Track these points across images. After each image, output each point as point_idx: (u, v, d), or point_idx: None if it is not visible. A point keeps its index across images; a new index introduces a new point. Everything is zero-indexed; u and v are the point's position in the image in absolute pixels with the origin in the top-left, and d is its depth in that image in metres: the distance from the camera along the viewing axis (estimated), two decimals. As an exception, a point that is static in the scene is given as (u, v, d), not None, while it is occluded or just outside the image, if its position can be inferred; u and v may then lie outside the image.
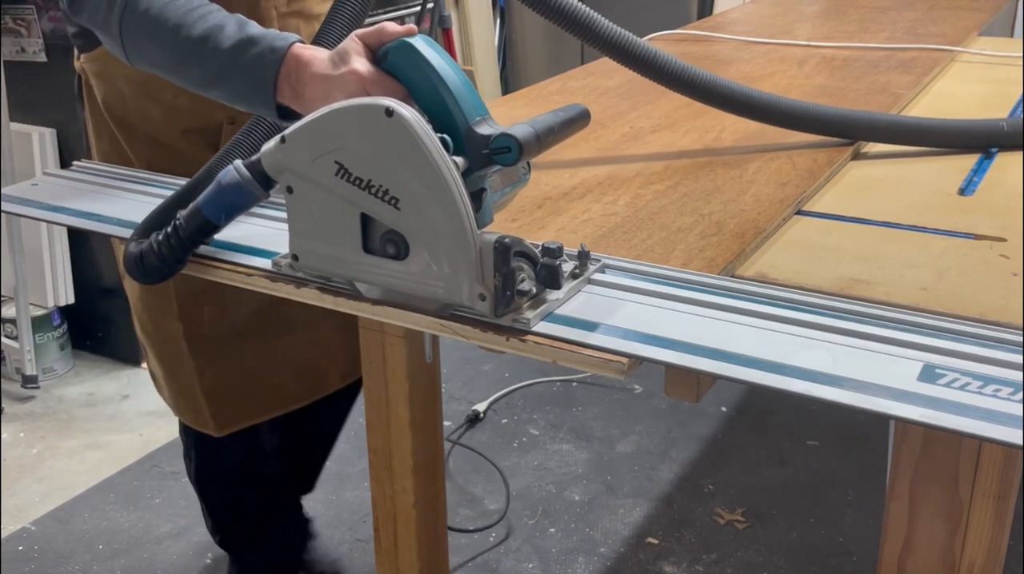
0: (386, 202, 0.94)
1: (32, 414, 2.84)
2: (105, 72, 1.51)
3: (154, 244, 1.08)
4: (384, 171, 0.94)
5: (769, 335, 0.91)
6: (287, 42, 1.11)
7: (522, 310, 0.94)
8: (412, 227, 0.94)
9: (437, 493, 1.52)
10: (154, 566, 2.19)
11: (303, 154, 0.98)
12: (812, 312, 0.95)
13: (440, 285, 0.95)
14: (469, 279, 0.92)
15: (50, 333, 3.01)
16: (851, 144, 1.47)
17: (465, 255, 0.92)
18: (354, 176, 0.95)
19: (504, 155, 0.95)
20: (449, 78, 0.99)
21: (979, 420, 0.77)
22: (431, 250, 0.94)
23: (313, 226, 1.01)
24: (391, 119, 0.91)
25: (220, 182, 1.03)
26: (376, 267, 0.98)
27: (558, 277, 0.95)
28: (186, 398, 1.65)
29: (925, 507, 1.06)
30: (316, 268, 1.04)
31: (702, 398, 0.99)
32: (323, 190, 0.98)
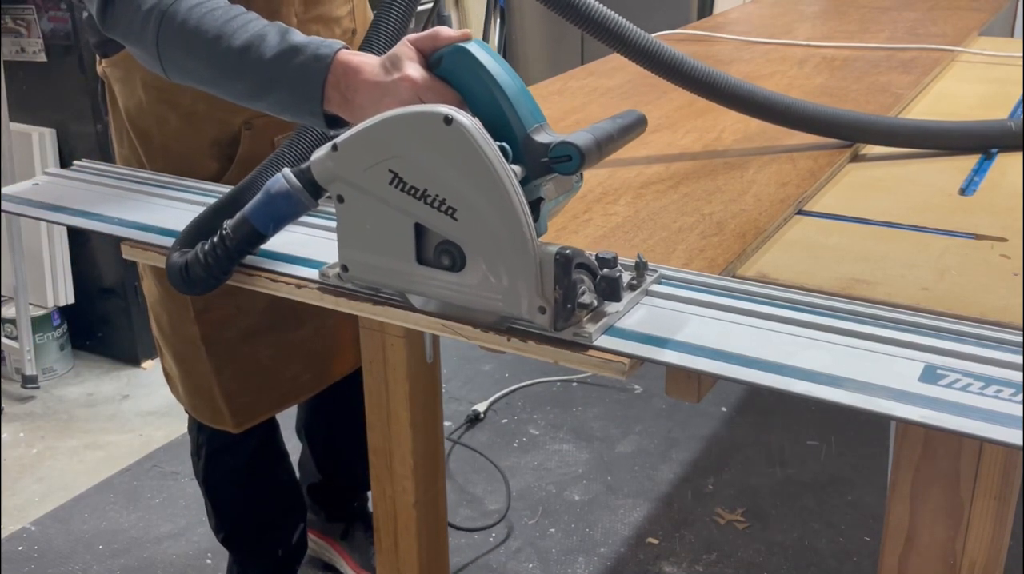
0: (443, 212, 0.92)
1: (32, 414, 2.84)
2: (126, 78, 1.50)
3: (199, 254, 1.06)
4: (441, 180, 0.91)
5: (770, 335, 0.91)
6: (332, 49, 1.08)
7: (582, 323, 0.92)
8: (470, 238, 0.92)
9: (437, 493, 1.52)
10: (154, 566, 2.19)
11: (356, 163, 0.95)
12: (813, 312, 0.95)
13: (498, 298, 0.92)
14: (529, 291, 0.90)
15: (50, 333, 3.01)
16: (851, 144, 1.47)
17: (525, 267, 0.89)
18: (409, 185, 0.93)
19: (564, 164, 0.92)
20: (506, 84, 0.96)
21: (980, 421, 0.77)
22: (489, 262, 0.92)
23: (364, 236, 0.98)
24: (450, 127, 0.89)
25: (269, 191, 1.01)
26: (430, 279, 0.96)
27: (618, 289, 0.92)
28: (203, 397, 1.66)
29: (926, 507, 1.06)
30: (366, 279, 1.01)
31: (702, 398, 0.99)
32: (376, 200, 0.95)
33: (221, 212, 1.13)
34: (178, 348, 1.63)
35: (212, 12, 1.12)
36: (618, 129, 0.97)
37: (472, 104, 0.99)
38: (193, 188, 1.38)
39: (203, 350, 1.60)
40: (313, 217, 1.20)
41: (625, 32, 1.21)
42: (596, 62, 2.09)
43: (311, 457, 2.10)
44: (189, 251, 1.09)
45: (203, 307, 1.56)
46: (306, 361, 1.70)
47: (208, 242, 1.06)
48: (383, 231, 0.96)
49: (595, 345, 0.90)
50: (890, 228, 1.20)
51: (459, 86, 1.00)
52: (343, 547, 2.12)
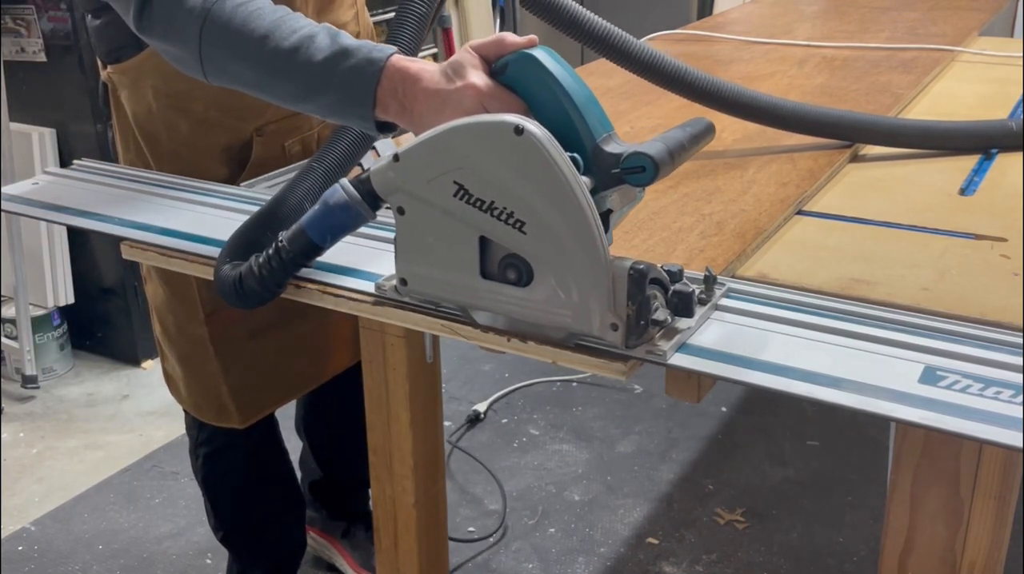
0: (510, 225, 0.89)
1: (32, 414, 2.84)
2: (135, 84, 1.48)
3: (253, 267, 1.03)
4: (509, 192, 0.88)
5: (769, 336, 0.91)
6: (385, 53, 1.05)
7: (655, 341, 0.90)
8: (538, 252, 0.89)
9: (437, 493, 1.52)
10: (154, 566, 2.19)
11: (419, 174, 0.92)
12: (813, 313, 0.95)
13: (567, 314, 0.89)
14: (600, 307, 0.87)
15: (50, 333, 3.00)
16: (851, 144, 1.47)
17: (597, 282, 0.87)
18: (475, 197, 0.90)
19: (637, 175, 0.89)
20: (575, 92, 0.94)
21: (980, 423, 0.77)
22: (559, 276, 0.89)
23: (425, 249, 0.95)
24: (520, 137, 0.86)
25: (327, 201, 0.98)
26: (495, 293, 0.93)
27: (692, 305, 0.90)
28: (209, 397, 1.66)
29: (926, 507, 1.06)
30: (426, 293, 0.98)
31: (702, 398, 0.98)
32: (439, 212, 0.92)
33: (263, 222, 1.12)
34: (184, 349, 1.63)
35: (259, 12, 1.09)
36: (689, 138, 0.95)
37: (539, 113, 0.96)
38: (193, 188, 1.38)
39: (211, 350, 1.60)
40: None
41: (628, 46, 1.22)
42: (595, 62, 2.09)
43: (311, 454, 2.10)
44: (240, 263, 1.06)
45: (213, 309, 1.56)
46: (310, 355, 1.71)
47: (262, 254, 1.03)
48: (445, 244, 0.94)
49: (670, 364, 0.88)
50: (890, 228, 1.21)
51: (525, 94, 0.97)
52: (344, 546, 2.12)
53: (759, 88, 1.80)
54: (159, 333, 1.67)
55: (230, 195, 1.35)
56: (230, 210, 1.29)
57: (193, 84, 1.41)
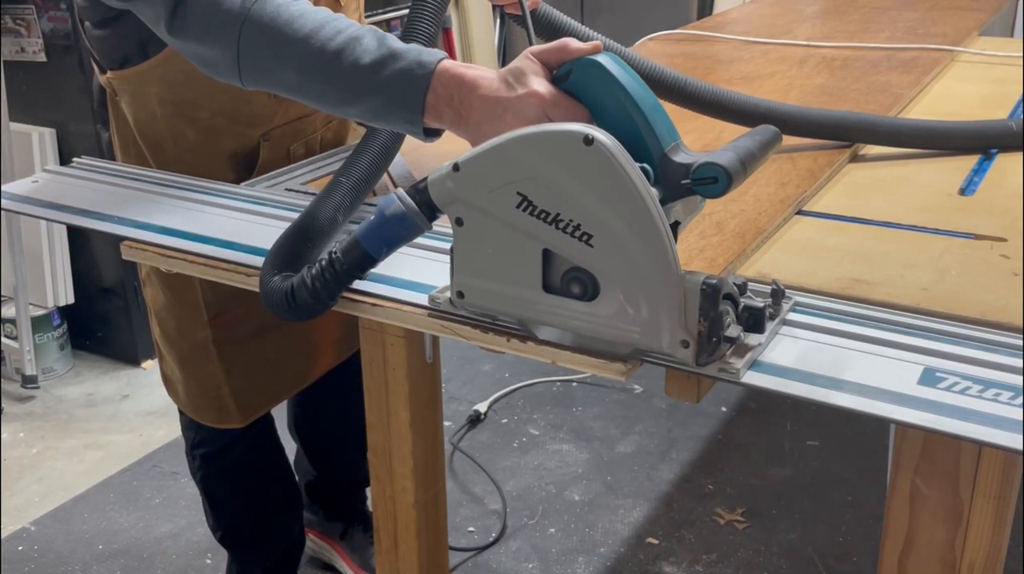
0: (576, 238, 0.86)
1: (32, 414, 2.84)
2: (138, 92, 1.47)
3: (306, 279, 1.00)
4: (576, 204, 0.85)
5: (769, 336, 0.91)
6: (435, 57, 1.03)
7: (727, 358, 0.87)
8: (606, 266, 0.86)
9: (437, 493, 1.52)
10: (154, 566, 2.19)
11: (480, 184, 0.89)
12: (813, 314, 0.95)
13: (635, 330, 0.87)
14: (671, 324, 0.85)
15: (50, 333, 3.00)
16: (851, 145, 1.47)
17: (668, 297, 0.84)
18: (540, 209, 0.87)
19: (710, 186, 0.86)
20: (642, 100, 0.91)
21: (979, 425, 0.77)
22: (627, 291, 0.86)
23: (484, 262, 0.93)
24: (590, 147, 0.83)
25: (383, 212, 0.95)
26: (558, 308, 0.90)
27: (763, 321, 0.88)
28: (209, 399, 1.66)
29: (925, 507, 1.06)
30: (483, 306, 0.96)
31: (702, 398, 0.98)
32: (500, 223, 0.89)
33: (302, 234, 1.10)
34: (185, 352, 1.63)
35: (301, 13, 1.07)
36: (758, 146, 0.91)
37: (604, 121, 0.93)
38: (194, 187, 1.38)
39: (214, 352, 1.60)
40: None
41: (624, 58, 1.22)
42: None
43: (304, 455, 2.10)
44: (289, 275, 1.03)
45: (217, 312, 1.56)
46: (306, 351, 1.72)
47: (315, 266, 1.00)
48: (506, 257, 0.91)
49: (745, 382, 0.86)
50: (890, 228, 1.21)
51: (589, 102, 0.94)
52: (342, 547, 2.12)
53: (759, 88, 1.81)
54: (158, 336, 1.67)
55: (231, 194, 1.35)
56: (231, 209, 1.29)
57: (200, 92, 1.41)
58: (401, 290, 1.05)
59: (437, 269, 1.05)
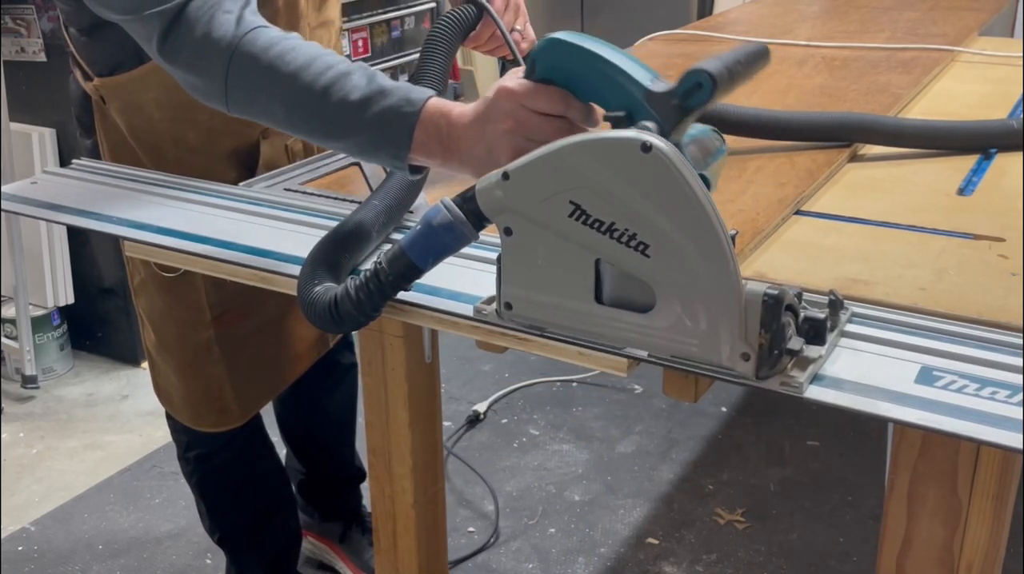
0: (632, 248, 0.83)
1: (32, 414, 2.84)
2: (132, 98, 1.47)
3: (350, 290, 0.97)
4: (633, 213, 0.83)
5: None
6: (423, 95, 1.03)
7: (788, 371, 0.85)
8: (663, 277, 0.83)
9: (436, 493, 1.52)
10: (154, 566, 2.19)
11: (530, 193, 0.87)
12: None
13: (693, 342, 0.84)
14: (731, 336, 0.82)
15: (50, 333, 3.01)
16: (850, 144, 1.47)
17: (728, 309, 0.81)
18: (593, 218, 0.84)
19: (696, 93, 0.84)
20: (610, 55, 0.90)
21: (977, 423, 0.77)
22: (685, 303, 0.83)
23: (533, 272, 0.90)
24: (648, 155, 0.80)
25: (430, 222, 0.92)
26: (612, 320, 0.88)
27: (824, 333, 0.85)
28: (209, 402, 1.66)
29: (924, 507, 1.06)
30: (532, 318, 0.93)
31: (701, 398, 0.98)
32: (551, 233, 0.87)
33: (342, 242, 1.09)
34: (185, 357, 1.62)
35: (292, 48, 1.07)
36: (744, 56, 0.87)
37: (582, 89, 0.93)
38: (193, 187, 1.38)
39: (216, 351, 1.60)
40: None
41: None
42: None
43: (293, 454, 2.11)
44: (333, 287, 1.01)
45: (221, 311, 1.57)
46: (296, 345, 1.73)
47: (359, 277, 0.98)
48: (557, 267, 0.88)
49: (808, 398, 0.83)
50: (888, 228, 1.20)
51: (562, 78, 0.94)
52: (342, 549, 2.12)
53: (758, 88, 1.81)
54: (153, 345, 1.66)
55: (229, 194, 1.35)
56: (230, 209, 1.29)
57: None
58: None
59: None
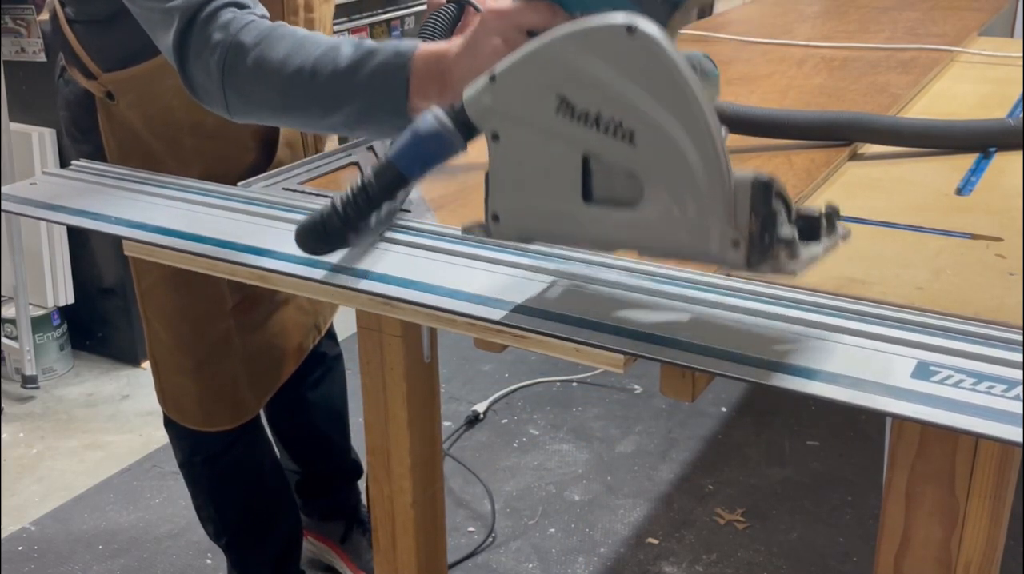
0: (618, 138, 0.82)
1: (32, 414, 2.85)
2: (148, 88, 1.47)
3: (336, 206, 0.96)
4: (618, 100, 0.81)
5: (764, 333, 0.91)
6: (413, 44, 1.05)
7: (780, 260, 0.82)
8: (650, 164, 0.82)
9: (435, 493, 1.52)
10: (154, 566, 2.20)
11: (517, 92, 0.86)
12: (807, 310, 0.95)
13: (682, 233, 0.83)
14: (720, 223, 0.80)
15: (50, 333, 3.01)
16: (849, 144, 1.47)
17: (717, 194, 0.80)
18: (579, 110, 0.83)
19: None
20: None
21: (972, 417, 0.77)
22: (673, 191, 0.82)
23: (520, 178, 0.89)
24: (633, 37, 0.79)
25: (417, 131, 0.92)
26: (600, 220, 0.87)
27: (819, 228, 0.83)
28: (223, 398, 1.66)
29: (921, 507, 1.06)
30: (521, 228, 0.92)
31: (701, 398, 0.99)
32: (537, 132, 0.86)
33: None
34: (201, 354, 1.62)
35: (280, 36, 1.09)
36: None
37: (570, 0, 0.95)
38: (192, 188, 1.38)
39: (235, 342, 1.61)
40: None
41: None
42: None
43: (287, 453, 2.11)
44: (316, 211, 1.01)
45: (241, 298, 1.58)
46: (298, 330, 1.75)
47: (346, 193, 0.97)
48: (545, 169, 0.87)
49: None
50: (886, 228, 1.20)
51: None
52: (343, 550, 2.12)
53: (758, 88, 1.81)
54: (164, 349, 1.64)
55: (229, 195, 1.35)
56: (229, 209, 1.29)
57: None
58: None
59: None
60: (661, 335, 0.91)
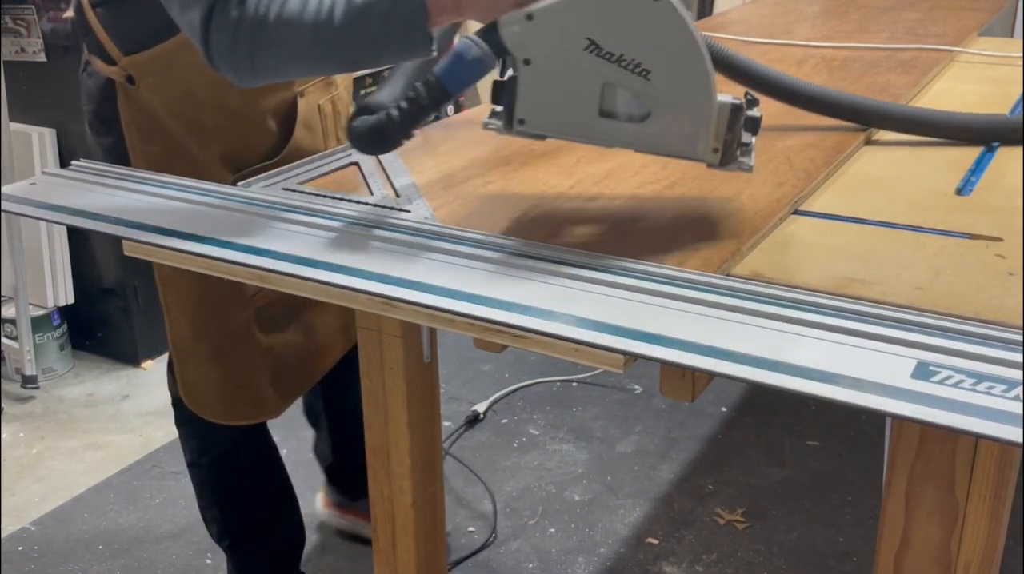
0: (636, 74, 1.05)
1: (32, 414, 2.85)
2: (169, 69, 1.50)
3: (393, 114, 1.11)
4: (640, 47, 1.04)
5: (764, 332, 0.92)
6: None
7: (739, 158, 1.11)
8: (659, 95, 1.06)
9: (435, 493, 1.52)
10: (154, 566, 2.20)
11: (552, 31, 1.05)
12: (807, 310, 0.95)
13: (678, 142, 1.08)
14: (707, 136, 1.07)
15: (50, 333, 3.01)
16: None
17: (707, 117, 1.06)
18: (605, 51, 1.04)
19: None
20: None
21: (972, 417, 0.77)
22: (675, 113, 1.06)
23: (546, 94, 1.08)
24: (658, 3, 1.02)
25: (461, 55, 1.08)
26: (612, 129, 1.09)
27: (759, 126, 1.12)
28: (245, 391, 1.67)
29: (921, 507, 1.06)
30: (542, 131, 1.11)
31: (701, 398, 0.99)
32: (565, 63, 1.06)
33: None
34: (222, 343, 1.62)
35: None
36: None
37: None
38: (191, 188, 1.38)
39: (255, 333, 1.61)
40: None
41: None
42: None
43: (328, 438, 2.12)
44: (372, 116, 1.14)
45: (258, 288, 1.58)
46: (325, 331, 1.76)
47: (399, 104, 1.11)
48: (568, 90, 1.07)
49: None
50: (886, 228, 1.20)
51: None
52: None
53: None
54: (184, 338, 1.65)
55: (228, 195, 1.35)
56: (229, 209, 1.29)
57: None
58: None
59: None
60: (661, 335, 0.91)
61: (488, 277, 1.04)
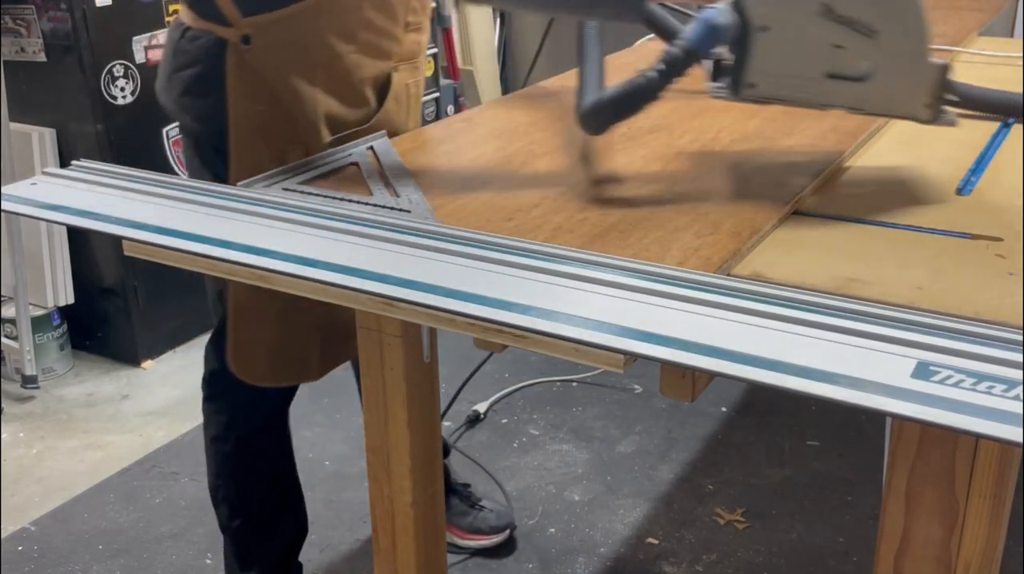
0: (863, 34, 1.14)
1: (32, 414, 2.85)
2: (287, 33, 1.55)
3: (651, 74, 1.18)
4: (869, 7, 1.13)
5: (764, 332, 0.91)
6: None
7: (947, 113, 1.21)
8: (883, 55, 1.14)
9: (435, 493, 1.52)
10: (154, 566, 2.20)
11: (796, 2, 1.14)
12: (807, 310, 0.95)
13: (895, 100, 1.18)
14: (922, 94, 1.17)
15: (50, 333, 3.01)
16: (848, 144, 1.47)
17: (924, 75, 1.16)
18: (837, 15, 1.13)
19: None
20: None
21: (972, 417, 0.77)
22: (896, 72, 1.16)
23: (778, 58, 1.17)
24: None
25: (714, 25, 1.16)
26: (836, 90, 1.18)
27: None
28: (296, 351, 1.70)
29: (921, 507, 1.06)
30: (770, 95, 1.20)
31: (701, 398, 0.99)
32: (799, 28, 1.15)
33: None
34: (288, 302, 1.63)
35: None
36: None
37: None
38: (191, 188, 1.38)
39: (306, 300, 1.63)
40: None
41: None
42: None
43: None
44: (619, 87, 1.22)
45: None
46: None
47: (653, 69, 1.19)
48: (800, 54, 1.16)
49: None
50: (886, 228, 1.20)
51: None
52: (447, 518, 2.14)
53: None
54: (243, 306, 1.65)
55: (229, 195, 1.35)
56: (229, 209, 1.29)
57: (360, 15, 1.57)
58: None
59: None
60: (661, 335, 0.91)
61: (488, 277, 1.04)
